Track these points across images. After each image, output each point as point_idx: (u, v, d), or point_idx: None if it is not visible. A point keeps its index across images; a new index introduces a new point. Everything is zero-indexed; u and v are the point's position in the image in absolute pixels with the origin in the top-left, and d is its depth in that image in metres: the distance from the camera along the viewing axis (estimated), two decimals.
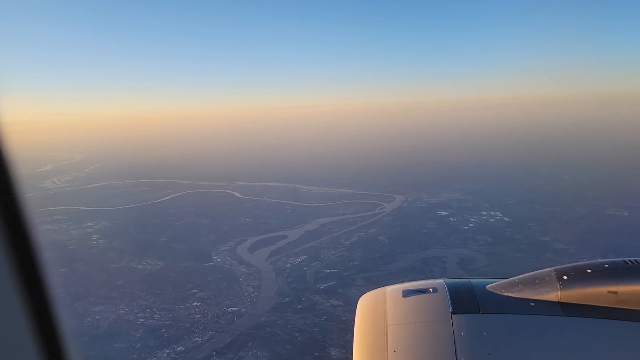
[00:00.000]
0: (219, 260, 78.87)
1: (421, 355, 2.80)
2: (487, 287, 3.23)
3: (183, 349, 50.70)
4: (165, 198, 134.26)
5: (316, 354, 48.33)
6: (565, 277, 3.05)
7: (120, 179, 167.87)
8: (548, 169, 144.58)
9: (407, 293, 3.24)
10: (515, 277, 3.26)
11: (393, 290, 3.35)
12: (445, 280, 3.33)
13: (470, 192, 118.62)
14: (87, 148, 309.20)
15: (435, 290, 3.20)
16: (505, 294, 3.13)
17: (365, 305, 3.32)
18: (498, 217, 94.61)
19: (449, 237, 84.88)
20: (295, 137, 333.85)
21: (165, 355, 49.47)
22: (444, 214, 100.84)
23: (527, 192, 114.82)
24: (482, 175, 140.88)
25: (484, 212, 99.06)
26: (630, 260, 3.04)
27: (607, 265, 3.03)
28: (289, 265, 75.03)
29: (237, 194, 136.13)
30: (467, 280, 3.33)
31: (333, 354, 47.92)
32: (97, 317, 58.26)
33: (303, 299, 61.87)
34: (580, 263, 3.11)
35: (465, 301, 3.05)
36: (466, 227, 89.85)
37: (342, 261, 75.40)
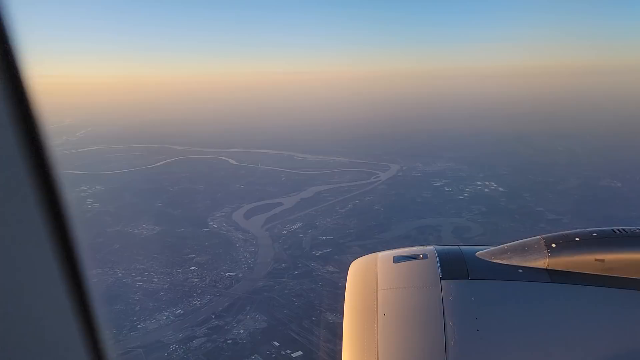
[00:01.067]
0: (215, 226, 79.17)
1: (410, 318, 2.89)
2: (477, 254, 3.27)
3: (182, 311, 51.38)
4: (159, 163, 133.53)
5: (313, 318, 49.19)
6: (553, 245, 3.09)
7: (112, 143, 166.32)
8: (542, 139, 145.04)
9: (397, 259, 3.26)
10: (504, 245, 3.30)
11: (384, 256, 3.36)
12: (435, 247, 3.36)
13: (465, 162, 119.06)
14: (77, 112, 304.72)
15: (425, 256, 3.23)
16: (494, 261, 3.17)
17: (357, 271, 3.37)
18: (492, 187, 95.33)
19: (443, 206, 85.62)
20: (288, 104, 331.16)
21: (164, 317, 50.12)
22: (438, 183, 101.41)
23: (521, 162, 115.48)
24: (476, 145, 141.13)
25: (479, 182, 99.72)
26: (618, 229, 3.08)
27: (595, 234, 3.08)
28: (284, 232, 75.51)
29: (232, 161, 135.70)
30: (457, 247, 3.38)
31: (330, 318, 48.71)
32: (94, 281, 57.23)
33: (299, 265, 62.55)
34: (569, 231, 3.17)
35: (454, 267, 3.10)
36: (461, 197, 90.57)
37: (338, 229, 75.99)
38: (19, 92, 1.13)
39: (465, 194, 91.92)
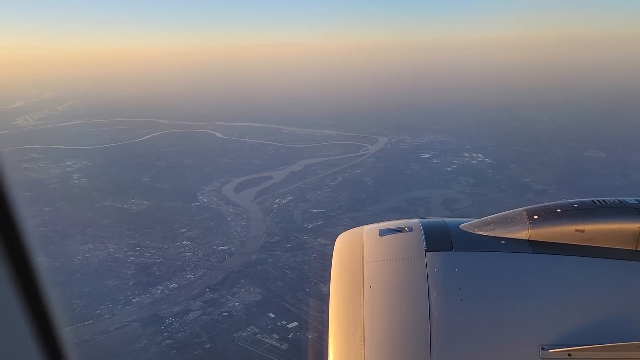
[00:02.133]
0: (205, 201, 79.00)
1: (395, 290, 2.96)
2: (461, 226, 3.36)
3: (176, 285, 51.64)
4: (145, 137, 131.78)
5: (307, 289, 49.88)
6: (535, 217, 3.18)
7: (95, 117, 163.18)
8: (527, 111, 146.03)
9: (383, 232, 3.35)
10: (487, 217, 3.39)
11: (370, 229, 3.46)
12: (421, 219, 3.45)
13: (452, 134, 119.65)
14: (57, 85, 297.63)
15: (410, 229, 3.31)
16: (478, 233, 3.26)
17: (343, 244, 3.46)
18: (480, 159, 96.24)
19: (432, 178, 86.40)
20: (275, 77, 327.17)
21: (158, 291, 50.36)
22: (427, 155, 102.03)
23: (507, 134, 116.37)
24: (463, 117, 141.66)
25: (466, 154, 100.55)
26: (598, 200, 3.19)
27: (575, 205, 3.19)
28: (275, 205, 75.69)
29: (219, 134, 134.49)
30: (441, 219, 3.47)
31: (323, 289, 49.47)
32: (86, 256, 58.41)
33: (292, 238, 62.97)
34: (550, 203, 3.28)
35: (439, 239, 3.18)
36: (449, 169, 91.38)
37: (329, 202, 76.40)
38: None
39: (454, 166, 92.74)
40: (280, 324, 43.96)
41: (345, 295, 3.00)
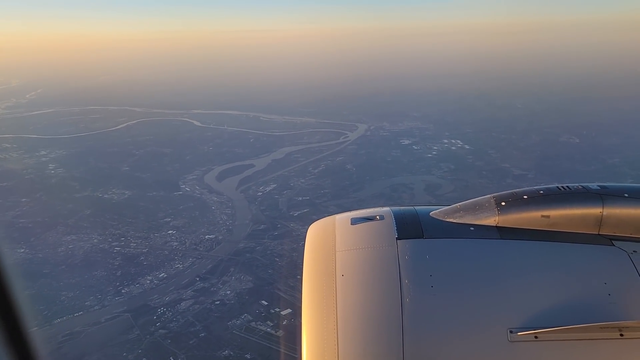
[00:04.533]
0: (188, 189, 78.23)
1: (368, 278, 3.01)
2: (431, 213, 3.45)
3: (165, 275, 51.22)
4: (120, 126, 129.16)
5: (298, 276, 49.45)
6: (503, 203, 3.29)
7: (67, 105, 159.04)
8: (502, 97, 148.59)
9: (355, 221, 3.40)
10: (457, 204, 3.48)
11: (342, 219, 3.51)
12: (392, 208, 3.52)
13: (430, 121, 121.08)
14: (23, 72, 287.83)
15: (382, 217, 3.37)
16: (447, 220, 3.35)
17: (315, 233, 3.50)
18: (459, 145, 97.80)
19: (413, 164, 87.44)
20: (251, 64, 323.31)
21: (148, 281, 49.87)
22: (407, 142, 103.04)
23: (484, 120, 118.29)
24: (440, 105, 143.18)
25: (445, 140, 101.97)
26: (562, 186, 3.34)
27: (542, 192, 3.32)
28: (260, 193, 75.49)
29: (196, 122, 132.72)
30: (412, 207, 3.56)
31: None
32: (70, 247, 57.29)
33: (278, 225, 63.01)
34: (517, 190, 3.38)
35: (409, 227, 3.26)
36: (429, 155, 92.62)
37: (313, 189, 76.59)
38: None
39: (434, 152, 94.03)
40: (273, 312, 44.15)
41: (318, 284, 3.01)
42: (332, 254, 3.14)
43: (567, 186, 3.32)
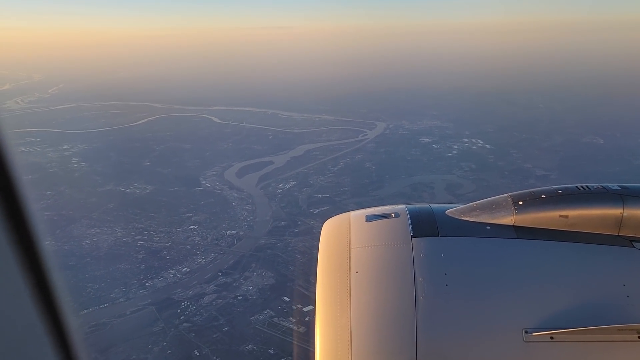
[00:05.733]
0: (209, 185, 78.77)
1: (381, 275, 3.00)
2: (447, 212, 3.41)
3: (188, 269, 51.72)
4: (141, 122, 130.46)
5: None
6: (520, 203, 3.24)
7: (88, 100, 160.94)
8: (523, 97, 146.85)
9: (370, 218, 3.37)
10: (474, 203, 3.44)
11: (356, 215, 3.47)
12: (407, 205, 3.48)
13: (449, 120, 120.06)
14: (45, 67, 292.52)
15: (397, 215, 3.34)
16: (463, 219, 3.31)
17: (330, 229, 3.48)
18: (480, 144, 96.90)
19: (433, 163, 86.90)
20: (268, 61, 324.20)
21: (171, 275, 50.43)
22: (426, 141, 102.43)
23: (505, 119, 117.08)
24: (459, 103, 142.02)
25: (466, 140, 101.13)
26: (582, 186, 3.26)
27: (560, 191, 3.25)
28: (279, 190, 75.72)
29: (215, 119, 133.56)
30: (428, 205, 3.52)
31: None
32: (94, 239, 58.15)
33: (299, 222, 63.19)
34: (535, 189, 3.33)
35: (425, 225, 3.22)
36: (450, 154, 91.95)
37: (332, 187, 76.59)
38: None
39: (454, 152, 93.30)
40: (295, 308, 44.33)
41: (332, 280, 3.01)
42: (346, 251, 3.13)
43: (586, 186, 3.26)
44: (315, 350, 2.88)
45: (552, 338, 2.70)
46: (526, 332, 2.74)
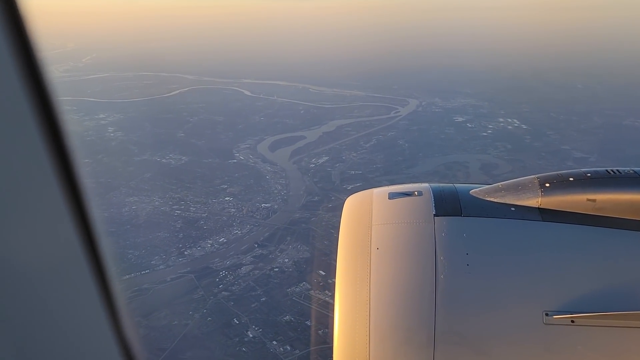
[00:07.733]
0: (242, 158, 79.51)
1: (403, 252, 2.96)
2: (471, 192, 3.32)
3: (225, 240, 52.79)
4: (173, 93, 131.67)
5: None
6: (547, 185, 3.13)
7: (121, 70, 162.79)
8: (561, 77, 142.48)
9: (392, 195, 3.32)
10: (499, 183, 3.35)
11: (379, 193, 3.42)
12: (430, 184, 3.41)
13: (484, 98, 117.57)
14: (78, 36, 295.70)
15: (420, 193, 3.27)
16: (488, 199, 3.23)
17: (352, 206, 3.44)
18: (515, 125, 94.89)
19: (468, 142, 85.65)
20: (298, 36, 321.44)
21: (209, 245, 51.58)
22: (460, 119, 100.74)
23: (541, 99, 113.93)
24: (494, 82, 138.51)
25: (501, 119, 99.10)
26: (612, 170, 3.14)
27: (589, 174, 3.14)
28: (312, 165, 75.95)
29: (247, 92, 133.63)
30: (452, 185, 3.44)
31: None
32: (133, 207, 59.65)
33: (332, 198, 63.30)
34: (563, 171, 3.23)
35: (448, 204, 3.15)
36: (484, 134, 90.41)
37: (365, 163, 76.43)
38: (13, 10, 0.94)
39: (489, 131, 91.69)
40: (331, 281, 44.73)
41: (352, 256, 3.01)
42: (368, 227, 3.11)
43: (617, 170, 3.16)
44: (334, 323, 2.92)
45: (572, 322, 2.70)
46: (547, 314, 2.73)
